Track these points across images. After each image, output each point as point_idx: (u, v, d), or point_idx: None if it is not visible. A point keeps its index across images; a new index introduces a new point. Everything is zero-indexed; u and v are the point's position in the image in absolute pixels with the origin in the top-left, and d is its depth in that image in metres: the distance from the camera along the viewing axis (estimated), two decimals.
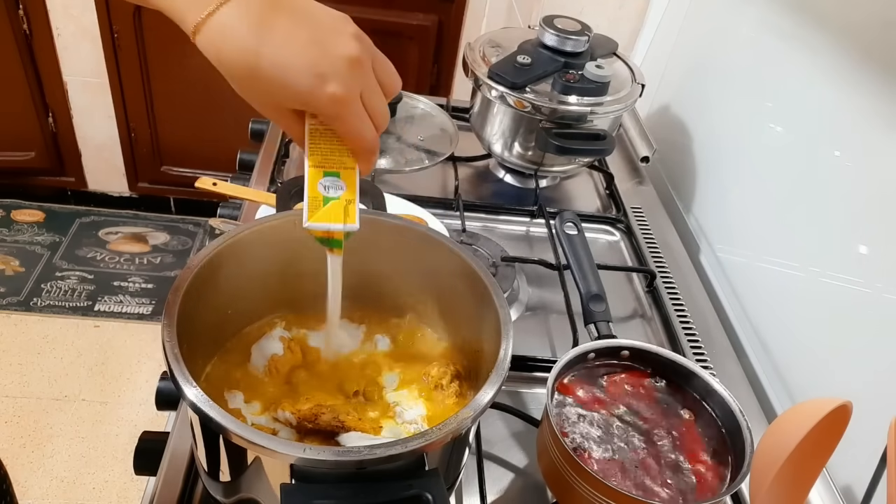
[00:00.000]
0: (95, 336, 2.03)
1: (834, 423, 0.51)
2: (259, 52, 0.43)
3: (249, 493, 0.50)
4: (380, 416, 0.57)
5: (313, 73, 0.44)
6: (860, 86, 0.76)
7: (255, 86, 0.45)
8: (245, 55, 0.43)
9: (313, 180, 0.50)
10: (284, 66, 0.43)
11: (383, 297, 0.66)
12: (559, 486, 0.58)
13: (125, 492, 1.68)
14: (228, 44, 0.43)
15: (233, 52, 0.43)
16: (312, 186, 0.50)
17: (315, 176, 0.50)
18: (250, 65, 0.43)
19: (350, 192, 0.51)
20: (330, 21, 0.46)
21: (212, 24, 0.43)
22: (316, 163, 0.50)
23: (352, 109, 0.46)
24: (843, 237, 0.76)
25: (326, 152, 0.50)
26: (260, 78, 0.44)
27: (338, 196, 0.50)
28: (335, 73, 0.44)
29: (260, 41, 0.43)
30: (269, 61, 0.43)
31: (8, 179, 2.35)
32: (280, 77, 0.44)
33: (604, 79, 0.95)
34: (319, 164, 0.50)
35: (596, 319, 0.70)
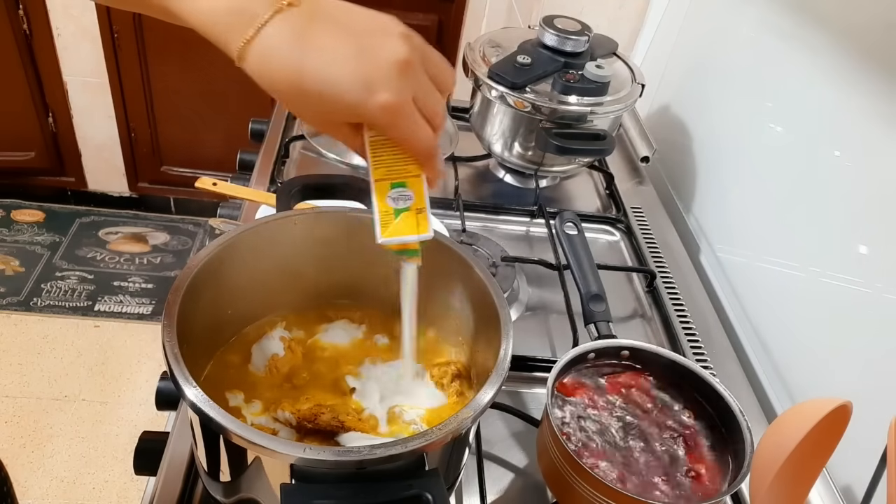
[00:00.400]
0: (95, 336, 2.03)
1: (834, 423, 0.51)
2: (303, 70, 0.42)
3: (249, 493, 0.50)
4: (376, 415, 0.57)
5: (361, 83, 0.42)
6: (860, 86, 0.76)
7: (305, 104, 0.44)
8: (290, 75, 0.42)
9: (381, 193, 0.49)
10: (331, 81, 0.42)
11: (383, 296, 0.65)
12: (559, 486, 0.58)
13: (125, 492, 1.68)
14: (273, 65, 0.42)
15: (278, 73, 0.42)
16: (381, 200, 0.49)
17: (382, 189, 0.49)
18: (296, 83, 0.42)
19: (419, 199, 0.49)
20: (373, 25, 0.45)
21: (255, 48, 0.42)
22: (381, 175, 0.49)
23: (405, 115, 0.44)
24: (843, 237, 0.76)
25: (390, 163, 0.49)
26: (308, 95, 0.43)
27: (408, 206, 0.49)
28: (384, 81, 0.43)
29: (303, 58, 0.42)
30: (315, 77, 0.42)
31: (8, 179, 2.35)
32: (328, 92, 0.42)
33: (604, 79, 0.95)
34: (385, 176, 0.49)
35: (596, 319, 0.70)
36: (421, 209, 0.50)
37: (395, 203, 0.49)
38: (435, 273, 0.62)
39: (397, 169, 0.49)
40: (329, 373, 0.60)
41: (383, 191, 0.49)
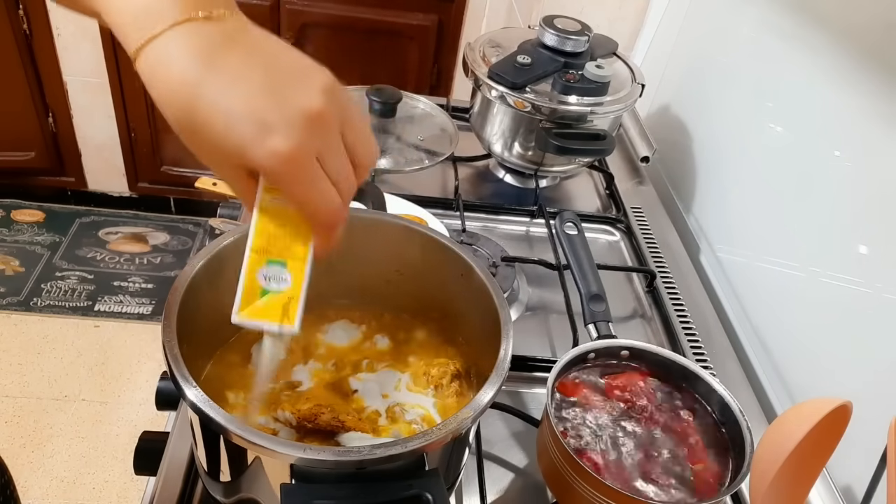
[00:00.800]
0: (95, 336, 2.03)
1: (834, 423, 0.51)
2: (199, 90, 0.36)
3: (249, 493, 0.50)
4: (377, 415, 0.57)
5: (255, 120, 0.36)
6: (860, 86, 0.76)
7: (191, 130, 0.38)
8: (183, 91, 0.37)
9: (253, 267, 0.43)
10: (226, 111, 0.36)
11: (383, 296, 0.66)
12: (559, 486, 0.58)
13: (125, 492, 1.68)
14: (167, 75, 0.37)
15: (171, 86, 0.37)
16: (250, 273, 0.43)
17: (256, 262, 0.43)
18: (187, 103, 0.37)
19: (295, 287, 0.43)
20: (296, 67, 0.39)
21: (153, 50, 0.37)
22: (259, 246, 0.42)
23: (303, 171, 0.38)
24: (843, 237, 0.76)
25: (275, 236, 0.42)
26: (196, 121, 0.37)
27: (279, 290, 0.43)
28: (283, 125, 0.36)
29: (203, 76, 0.36)
30: (209, 102, 0.36)
31: (8, 179, 2.35)
32: (218, 123, 0.37)
33: (604, 79, 0.95)
34: (263, 248, 0.43)
35: (596, 319, 0.70)
36: (293, 298, 0.43)
37: (266, 283, 0.43)
38: (435, 273, 0.62)
39: (281, 245, 0.43)
40: (329, 373, 0.60)
41: (256, 264, 0.43)
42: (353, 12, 1.95)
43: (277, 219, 0.42)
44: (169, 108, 0.38)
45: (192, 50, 0.36)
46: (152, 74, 0.37)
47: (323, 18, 1.95)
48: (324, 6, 1.94)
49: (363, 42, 2.01)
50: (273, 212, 0.42)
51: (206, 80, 0.36)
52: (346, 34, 1.99)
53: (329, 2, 1.94)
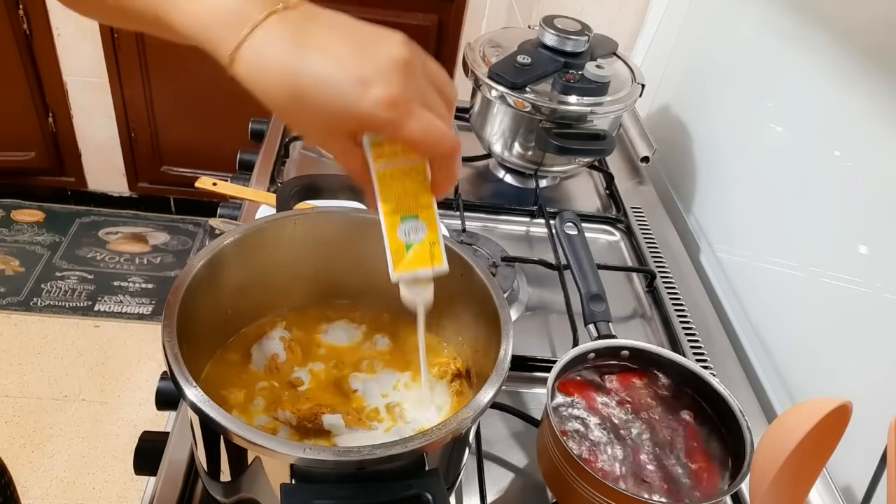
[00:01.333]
0: (95, 336, 2.03)
1: (834, 423, 0.51)
2: (298, 70, 0.40)
3: (249, 493, 0.50)
4: (377, 415, 0.57)
5: (357, 80, 0.40)
6: (861, 86, 0.76)
7: (299, 109, 0.41)
8: (284, 77, 0.40)
9: (392, 228, 0.47)
10: (327, 80, 0.40)
11: (383, 296, 0.65)
12: (559, 486, 0.58)
13: (125, 492, 1.68)
14: (266, 68, 0.40)
15: (272, 77, 0.40)
16: (392, 235, 0.47)
17: (393, 223, 0.47)
18: (291, 86, 0.40)
19: (432, 232, 0.48)
20: (373, 30, 0.43)
21: (247, 50, 0.40)
22: (391, 209, 0.47)
23: (409, 112, 0.41)
24: (843, 237, 0.76)
25: (399, 195, 0.46)
26: (303, 99, 0.40)
27: (420, 239, 0.47)
28: (380, 76, 0.40)
29: (299, 58, 0.40)
30: (310, 78, 0.40)
31: (8, 179, 2.35)
32: (324, 93, 0.40)
33: (604, 79, 0.95)
34: (395, 209, 0.47)
35: (596, 319, 0.70)
36: (434, 242, 0.48)
37: (407, 237, 0.47)
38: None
39: (408, 202, 0.47)
40: (329, 373, 0.60)
41: (394, 224, 0.47)
42: (354, 13, 1.92)
43: (395, 180, 0.46)
44: (274, 96, 0.41)
45: (283, 37, 0.40)
46: (251, 70, 0.40)
47: None
48: (324, 6, 1.94)
49: None
50: (389, 175, 0.46)
51: (303, 58, 0.40)
52: None
53: (329, 2, 1.93)
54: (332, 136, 0.43)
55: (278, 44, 0.40)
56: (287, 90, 0.40)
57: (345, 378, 0.60)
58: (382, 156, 0.46)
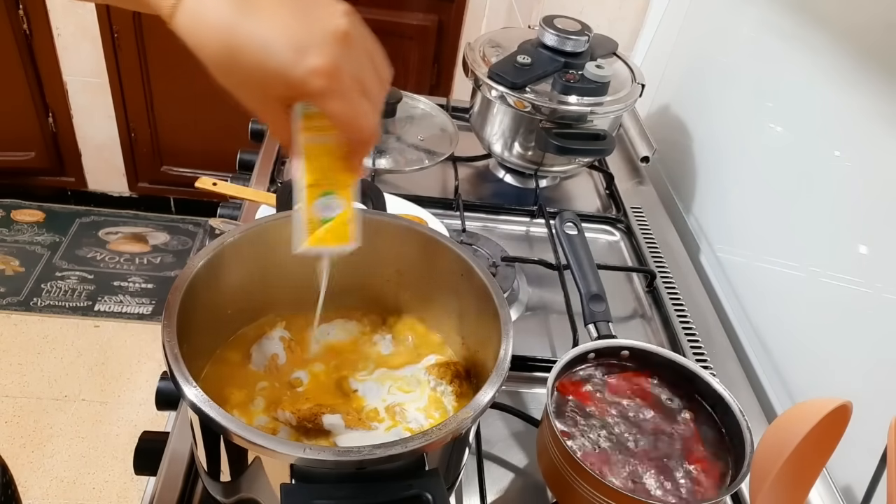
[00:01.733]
0: (95, 336, 2.03)
1: (834, 423, 0.51)
2: (236, 30, 0.40)
3: (249, 493, 0.50)
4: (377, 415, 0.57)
5: (293, 45, 0.40)
6: (861, 86, 0.76)
7: (233, 68, 0.41)
8: (221, 34, 0.40)
9: (310, 201, 0.47)
10: (263, 42, 0.40)
11: (383, 296, 0.66)
12: (559, 486, 0.58)
13: (125, 492, 1.68)
14: (205, 22, 0.40)
15: (209, 31, 0.40)
16: (309, 207, 0.47)
17: (311, 196, 0.47)
18: (227, 43, 0.40)
19: (348, 209, 0.48)
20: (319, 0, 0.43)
21: (187, 4, 0.40)
22: (314, 181, 0.46)
23: (341, 85, 0.41)
24: (843, 237, 0.76)
25: (323, 169, 0.46)
26: (237, 58, 0.40)
27: (334, 215, 0.47)
28: (318, 45, 0.40)
29: (238, 17, 0.40)
30: (247, 38, 0.40)
31: (8, 179, 2.35)
32: (259, 54, 0.40)
33: (604, 79, 0.95)
34: (317, 181, 0.46)
35: (596, 319, 0.70)
36: (350, 220, 0.48)
37: (323, 212, 0.47)
38: (435, 273, 0.62)
39: (331, 177, 0.47)
40: (329, 372, 0.60)
41: (312, 197, 0.47)
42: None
43: (321, 155, 0.46)
44: (209, 53, 0.41)
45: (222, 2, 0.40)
46: (190, 26, 0.40)
47: None
48: None
49: None
50: (316, 149, 0.46)
51: (243, 18, 0.40)
52: None
53: None
54: (264, 100, 0.43)
55: (220, 1, 0.40)
56: (223, 47, 0.40)
57: (345, 378, 0.59)
58: (311, 128, 0.45)
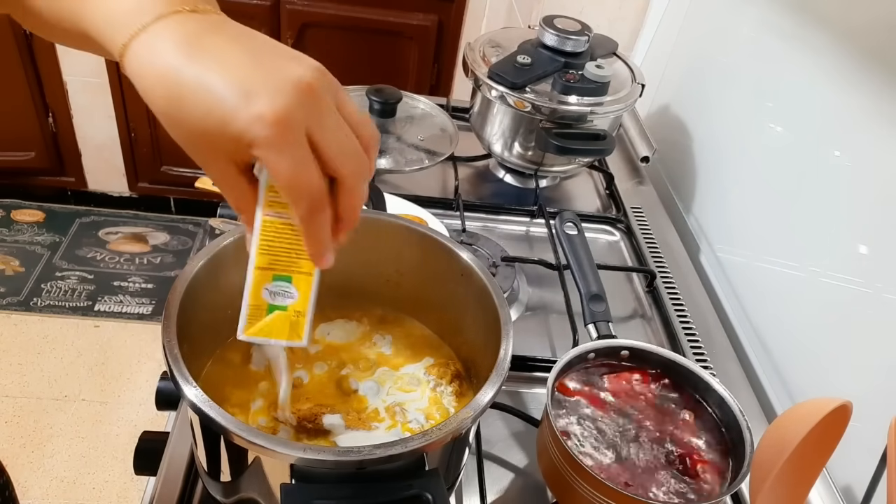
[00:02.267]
0: (95, 336, 2.03)
1: (834, 423, 0.51)
2: (183, 72, 0.35)
3: (249, 493, 0.50)
4: (377, 415, 0.57)
5: (241, 89, 0.35)
6: (861, 86, 0.76)
7: (179, 117, 0.36)
8: (168, 76, 0.36)
9: (258, 284, 0.42)
10: (208, 85, 0.35)
11: (383, 296, 0.66)
12: (559, 486, 0.58)
13: (125, 492, 1.68)
14: (154, 63, 0.36)
15: (155, 77, 0.36)
16: (256, 291, 0.42)
17: (261, 279, 0.42)
18: (173, 87, 0.36)
19: (302, 301, 0.42)
20: (283, 49, 0.38)
21: (140, 42, 0.37)
22: (265, 263, 0.41)
23: (288, 137, 0.35)
24: (843, 237, 0.76)
25: (280, 251, 0.41)
26: (183, 106, 0.36)
27: (285, 305, 0.42)
28: (268, 90, 0.35)
29: (187, 59, 0.36)
30: (193, 79, 0.35)
31: (8, 179, 2.35)
32: (203, 99, 0.35)
33: (604, 79, 0.95)
34: (269, 265, 0.42)
35: (596, 319, 0.70)
36: (301, 313, 0.43)
37: (272, 298, 0.42)
38: (435, 273, 0.62)
39: (287, 261, 0.42)
40: (329, 372, 0.60)
41: (262, 280, 0.42)
42: (353, 12, 1.95)
43: (280, 233, 0.41)
44: (155, 96, 0.37)
45: (179, 37, 0.36)
46: (139, 66, 0.37)
47: (323, 18, 1.95)
48: (324, 6, 1.94)
49: (363, 42, 2.01)
50: (275, 226, 0.41)
51: (191, 61, 0.36)
52: (346, 34, 1.99)
53: (329, 2, 1.93)
54: (212, 156, 0.38)
55: (170, 43, 0.36)
56: (167, 93, 0.36)
57: (345, 378, 0.60)
58: (275, 203, 0.40)
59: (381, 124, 1.04)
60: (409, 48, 2.01)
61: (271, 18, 1.94)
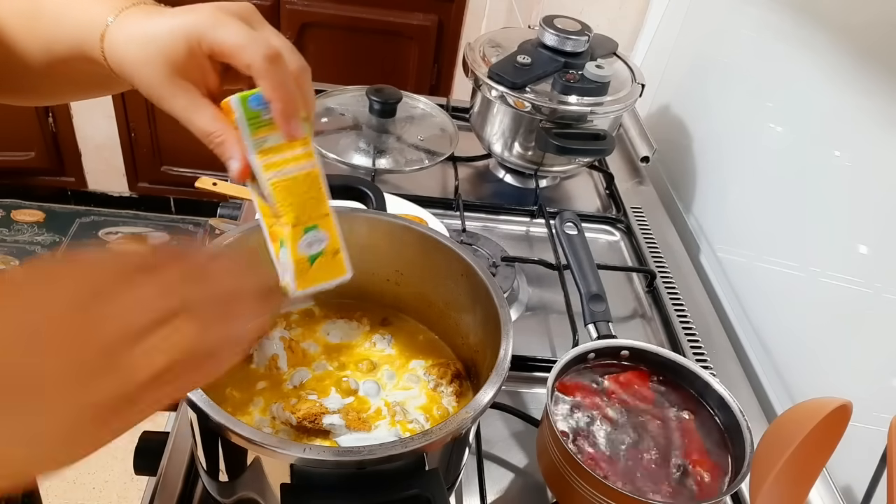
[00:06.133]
0: None
1: (834, 423, 0.51)
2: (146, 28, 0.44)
3: (249, 493, 0.50)
4: (377, 415, 0.57)
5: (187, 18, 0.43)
6: (861, 86, 0.76)
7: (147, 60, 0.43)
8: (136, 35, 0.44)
9: (294, 242, 0.44)
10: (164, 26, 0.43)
11: (383, 296, 0.66)
12: (559, 486, 0.58)
13: (125, 492, 1.67)
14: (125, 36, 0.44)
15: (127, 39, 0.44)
16: (294, 248, 0.44)
17: (295, 237, 0.44)
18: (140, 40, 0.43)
19: (333, 241, 0.45)
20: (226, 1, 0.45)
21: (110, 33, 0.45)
22: (294, 221, 0.43)
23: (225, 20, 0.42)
24: (843, 237, 0.76)
25: (299, 205, 0.43)
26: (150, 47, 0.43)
27: (322, 250, 0.45)
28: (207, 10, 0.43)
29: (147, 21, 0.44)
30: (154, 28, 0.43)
31: (8, 179, 2.35)
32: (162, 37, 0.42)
33: (604, 79, 0.95)
34: (297, 221, 0.43)
35: (596, 319, 0.70)
36: (336, 250, 0.45)
37: (310, 249, 0.44)
38: (435, 273, 0.62)
39: (307, 212, 0.44)
40: (329, 372, 0.60)
41: (296, 238, 0.44)
42: (353, 12, 1.94)
43: (290, 190, 0.43)
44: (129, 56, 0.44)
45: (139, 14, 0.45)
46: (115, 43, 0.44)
47: (323, 18, 1.95)
48: (324, 6, 1.93)
49: (363, 42, 2.01)
50: (284, 185, 0.43)
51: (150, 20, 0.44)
52: (346, 34, 1.99)
53: (329, 2, 1.93)
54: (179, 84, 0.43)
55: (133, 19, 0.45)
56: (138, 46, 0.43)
57: (345, 378, 0.59)
58: (271, 165, 0.43)
59: (381, 124, 1.04)
60: (409, 48, 2.01)
61: (271, 18, 1.94)
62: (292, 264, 0.44)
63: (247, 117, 0.42)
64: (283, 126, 0.43)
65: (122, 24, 0.45)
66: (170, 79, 0.42)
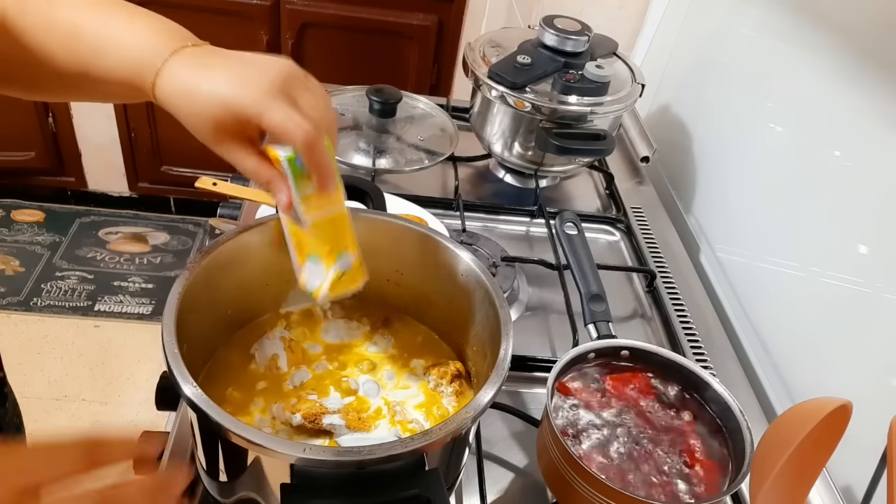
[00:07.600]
0: (95, 336, 2.03)
1: (834, 423, 0.51)
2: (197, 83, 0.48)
3: (249, 493, 0.50)
4: (377, 415, 0.57)
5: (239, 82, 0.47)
6: (861, 86, 0.76)
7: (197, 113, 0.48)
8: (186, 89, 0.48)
9: (329, 265, 0.53)
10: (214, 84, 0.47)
11: (384, 296, 0.66)
12: (559, 486, 0.58)
13: None
14: (175, 84, 0.48)
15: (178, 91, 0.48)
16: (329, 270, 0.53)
17: (330, 261, 0.53)
18: (191, 94, 0.48)
19: (358, 255, 0.55)
20: (263, 55, 0.50)
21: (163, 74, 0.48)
22: (329, 251, 0.53)
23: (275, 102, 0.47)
24: (843, 237, 0.76)
25: (333, 237, 0.53)
26: (198, 103, 0.47)
27: (350, 265, 0.54)
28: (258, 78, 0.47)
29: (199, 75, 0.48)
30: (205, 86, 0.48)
31: (8, 179, 2.35)
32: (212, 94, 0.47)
33: (604, 79, 0.95)
34: (331, 251, 0.53)
35: (596, 319, 0.70)
36: (360, 262, 0.55)
37: (343, 268, 0.54)
38: (435, 273, 0.62)
39: (339, 241, 0.53)
40: (330, 372, 0.60)
41: (331, 262, 0.53)
42: (353, 12, 1.94)
43: (327, 227, 0.53)
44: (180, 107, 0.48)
45: (189, 62, 0.49)
46: (166, 91, 0.49)
47: (323, 18, 1.95)
48: (324, 6, 1.94)
49: (363, 42, 2.01)
50: (324, 223, 0.52)
51: (203, 73, 0.48)
52: (346, 34, 1.99)
53: (329, 2, 1.93)
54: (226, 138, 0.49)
55: (183, 68, 0.49)
56: (188, 100, 0.48)
57: (345, 378, 0.59)
58: (312, 207, 0.52)
59: (381, 124, 1.04)
60: (409, 48, 2.01)
61: (271, 18, 1.94)
62: (329, 281, 0.53)
63: (293, 173, 0.50)
64: (321, 188, 0.51)
65: (175, 71, 0.48)
66: (215, 136, 0.49)
